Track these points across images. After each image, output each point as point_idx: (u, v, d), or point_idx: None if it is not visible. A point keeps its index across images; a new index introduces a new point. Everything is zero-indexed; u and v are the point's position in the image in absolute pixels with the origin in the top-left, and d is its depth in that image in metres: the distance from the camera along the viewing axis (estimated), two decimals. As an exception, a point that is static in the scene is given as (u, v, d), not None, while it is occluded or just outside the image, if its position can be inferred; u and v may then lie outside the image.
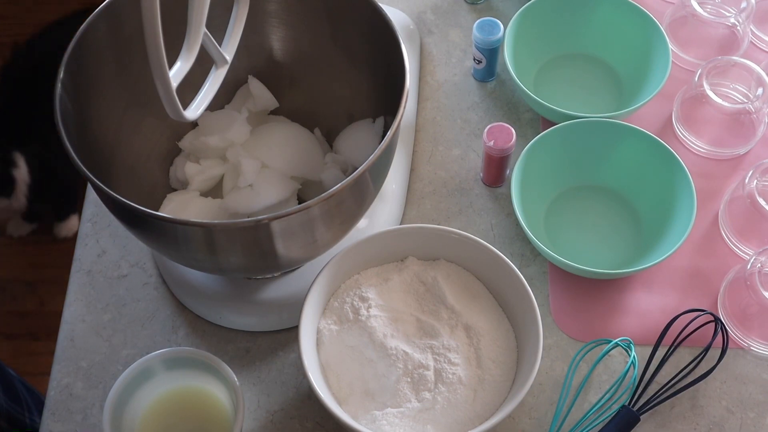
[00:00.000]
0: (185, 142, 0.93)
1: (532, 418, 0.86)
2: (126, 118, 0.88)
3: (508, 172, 0.97)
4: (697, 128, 1.00)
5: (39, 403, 1.29)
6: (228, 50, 0.79)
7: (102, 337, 0.90)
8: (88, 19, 0.80)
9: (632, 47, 1.03)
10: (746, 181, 0.92)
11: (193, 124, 0.94)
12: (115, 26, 0.83)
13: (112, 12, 0.82)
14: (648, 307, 0.91)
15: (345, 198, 0.76)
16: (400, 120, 0.77)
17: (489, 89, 1.05)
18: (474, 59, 1.03)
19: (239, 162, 0.89)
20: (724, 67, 1.00)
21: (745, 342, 0.89)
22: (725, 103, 0.97)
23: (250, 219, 0.73)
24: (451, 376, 0.80)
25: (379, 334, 0.82)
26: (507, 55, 0.99)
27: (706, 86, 0.97)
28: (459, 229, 0.86)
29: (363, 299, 0.84)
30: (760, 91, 0.97)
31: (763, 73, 0.98)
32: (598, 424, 0.84)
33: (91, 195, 0.99)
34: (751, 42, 1.06)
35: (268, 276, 0.90)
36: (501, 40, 1.01)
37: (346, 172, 0.92)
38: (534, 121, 1.02)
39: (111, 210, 0.80)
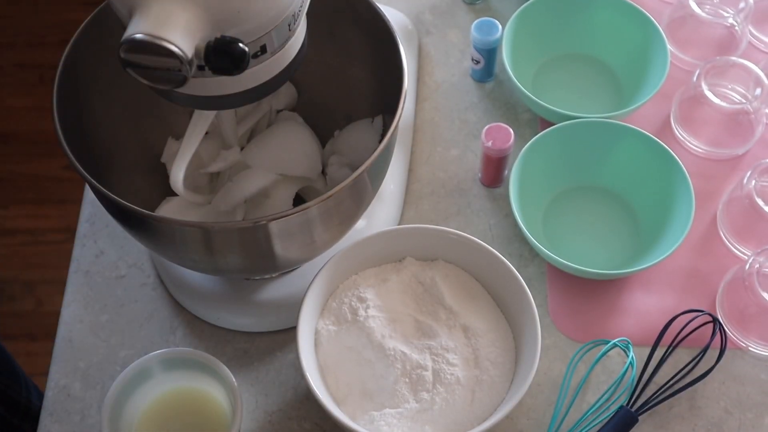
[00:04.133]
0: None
1: (531, 419, 0.85)
2: (124, 120, 0.88)
3: (506, 172, 0.97)
4: (695, 129, 1.00)
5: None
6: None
7: (100, 338, 0.90)
8: (86, 20, 0.80)
9: (631, 47, 1.03)
10: (744, 181, 0.92)
11: None
12: (113, 27, 0.83)
13: (111, 12, 0.82)
14: (646, 307, 0.91)
15: (343, 198, 0.76)
16: (399, 120, 0.77)
17: (487, 89, 1.05)
18: (472, 59, 1.03)
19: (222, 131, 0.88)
20: (723, 67, 1.00)
21: (743, 342, 0.89)
22: (723, 104, 0.97)
23: (248, 219, 0.73)
24: (449, 376, 0.80)
25: (377, 334, 0.82)
26: (505, 55, 0.99)
27: (704, 86, 0.97)
28: (457, 229, 0.86)
29: (361, 300, 0.84)
30: (758, 91, 0.97)
31: (762, 74, 0.98)
32: (596, 424, 0.84)
33: (89, 196, 0.99)
34: (750, 42, 1.06)
35: (266, 276, 0.90)
36: (499, 41, 1.01)
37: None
38: (532, 121, 1.02)
39: (109, 211, 0.80)
